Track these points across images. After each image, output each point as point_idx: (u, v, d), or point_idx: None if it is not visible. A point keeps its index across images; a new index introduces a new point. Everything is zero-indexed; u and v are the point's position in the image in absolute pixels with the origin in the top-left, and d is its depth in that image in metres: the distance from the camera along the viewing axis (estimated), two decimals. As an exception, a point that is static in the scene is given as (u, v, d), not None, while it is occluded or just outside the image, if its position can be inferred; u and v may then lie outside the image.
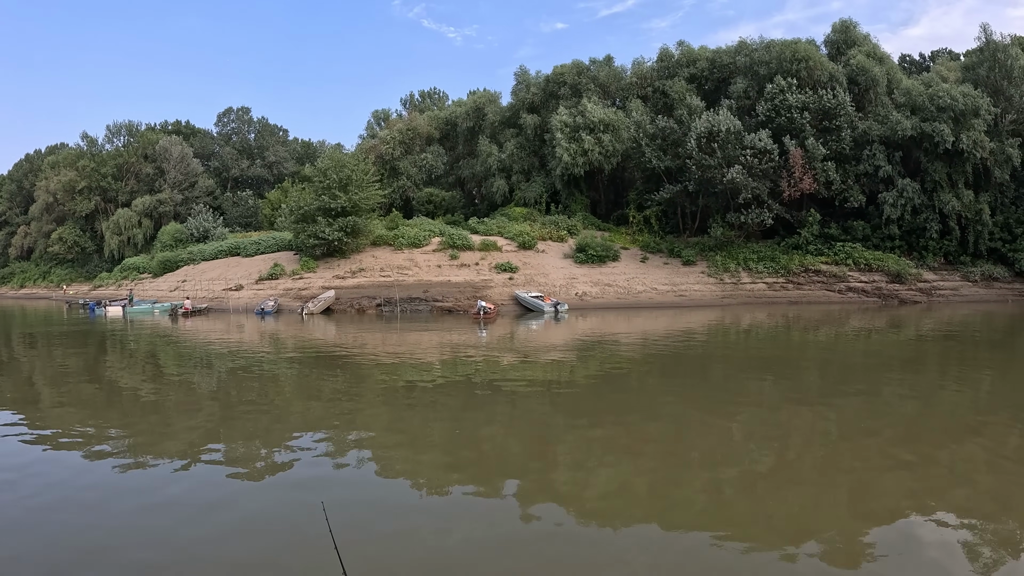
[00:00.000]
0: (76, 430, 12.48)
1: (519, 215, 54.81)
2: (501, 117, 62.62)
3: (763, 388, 15.68)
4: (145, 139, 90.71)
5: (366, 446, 11.12)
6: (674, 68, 57.83)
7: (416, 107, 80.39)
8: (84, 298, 68.03)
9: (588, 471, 9.47)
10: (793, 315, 36.82)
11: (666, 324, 32.62)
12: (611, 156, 53.07)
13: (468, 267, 47.47)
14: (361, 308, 44.71)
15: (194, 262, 61.22)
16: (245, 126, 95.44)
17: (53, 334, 34.44)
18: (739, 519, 7.44)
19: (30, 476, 9.43)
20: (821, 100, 47.37)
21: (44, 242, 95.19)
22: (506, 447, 10.94)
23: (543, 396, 15.23)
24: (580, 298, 44.81)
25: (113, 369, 21.72)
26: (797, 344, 25.46)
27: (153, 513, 8.00)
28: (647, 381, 17.47)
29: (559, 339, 28.24)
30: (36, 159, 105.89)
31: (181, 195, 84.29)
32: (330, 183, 48.37)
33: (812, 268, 47.17)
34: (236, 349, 26.04)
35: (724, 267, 48.27)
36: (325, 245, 49.17)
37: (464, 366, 20.29)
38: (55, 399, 16.10)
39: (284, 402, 15.58)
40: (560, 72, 59.22)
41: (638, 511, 7.85)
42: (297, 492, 8.72)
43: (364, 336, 30.57)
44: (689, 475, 9.15)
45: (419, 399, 15.01)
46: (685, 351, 22.91)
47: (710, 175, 47.01)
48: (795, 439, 10.92)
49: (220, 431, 12.41)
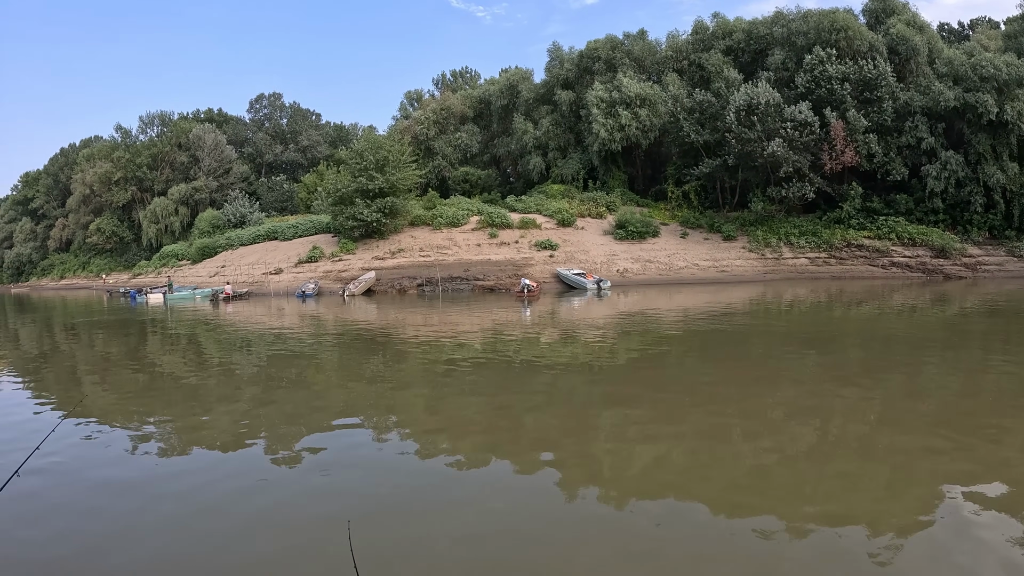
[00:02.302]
0: (118, 414, 12.44)
1: (557, 192, 54.39)
2: (535, 94, 62.06)
3: (805, 364, 15.23)
4: (178, 128, 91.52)
5: (406, 426, 10.95)
6: (709, 40, 56.85)
7: (448, 87, 79.94)
8: (124, 286, 68.95)
9: (628, 449, 9.23)
10: (835, 290, 36.06)
11: (707, 300, 32.11)
12: (648, 131, 52.42)
13: (508, 245, 47.28)
14: (402, 288, 44.74)
15: (232, 247, 61.67)
16: (277, 111, 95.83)
17: (95, 323, 34.62)
18: (778, 498, 7.17)
19: (70, 459, 9.35)
20: (861, 71, 46.20)
21: (82, 233, 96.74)
22: (546, 425, 10.68)
23: (584, 373, 14.91)
24: (621, 275, 44.42)
25: (155, 355, 21.76)
26: (839, 320, 24.79)
27: (188, 496, 7.84)
28: (688, 358, 17.11)
29: (602, 316, 27.84)
30: (71, 152, 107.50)
31: (216, 182, 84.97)
32: (367, 164, 48.33)
33: (855, 243, 46.25)
34: (278, 332, 26.03)
35: (765, 242, 47.56)
36: (364, 226, 49.22)
37: (506, 344, 19.98)
38: (98, 385, 16.12)
39: (325, 383, 15.47)
40: (594, 47, 58.48)
41: (677, 489, 7.60)
42: (333, 474, 8.52)
43: (405, 316, 30.45)
44: (729, 453, 8.84)
45: (460, 378, 14.78)
46: (726, 327, 22.41)
47: (750, 149, 46.18)
48: (836, 417, 10.51)
49: (260, 413, 12.27)
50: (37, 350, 24.43)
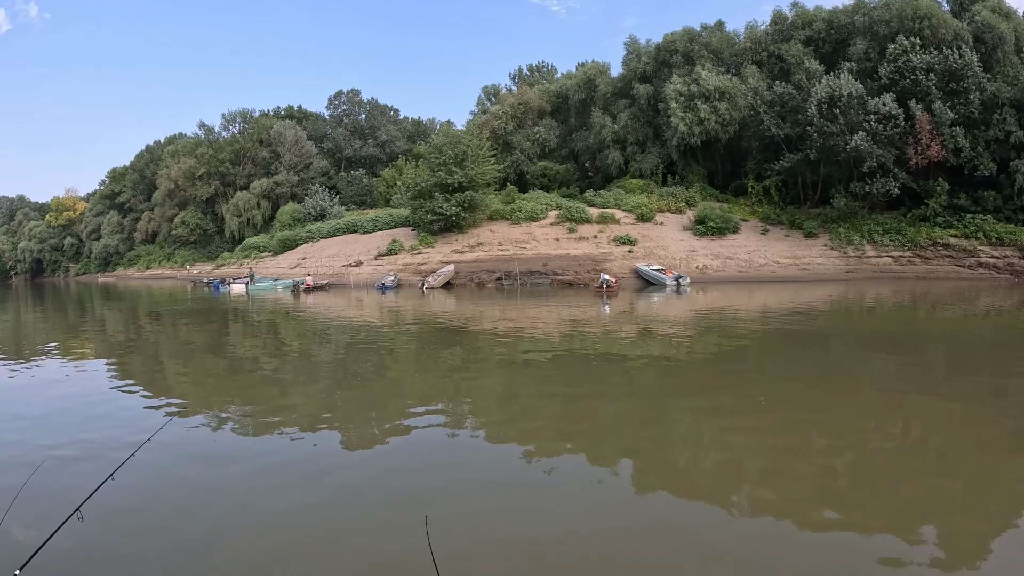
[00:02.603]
0: (199, 398, 13.21)
1: (635, 187, 54.05)
2: (612, 88, 61.69)
3: (886, 368, 14.84)
4: (260, 125, 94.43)
5: (481, 417, 11.15)
6: (789, 31, 55.37)
7: (525, 81, 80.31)
8: (208, 277, 71.70)
9: (702, 450, 9.25)
10: (920, 291, 34.70)
11: (788, 298, 31.53)
12: (728, 125, 51.57)
13: (586, 240, 47.39)
14: (481, 282, 45.39)
15: (312, 240, 63.45)
16: (356, 107, 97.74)
17: (180, 311, 36.20)
18: (853, 506, 7.08)
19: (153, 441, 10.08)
20: (946, 60, 44.18)
21: (167, 226, 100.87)
22: (622, 421, 10.76)
23: (662, 370, 14.94)
24: (701, 271, 44.06)
25: (238, 343, 22.75)
26: (923, 322, 23.93)
27: (262, 478, 8.37)
28: (767, 358, 16.87)
29: (681, 313, 27.66)
30: (156, 149, 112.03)
31: (297, 176, 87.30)
32: (446, 159, 49.09)
33: (940, 241, 44.27)
34: (357, 323, 26.72)
35: (848, 240, 46.24)
36: (443, 220, 50.06)
37: (584, 339, 20.09)
38: (183, 370, 16.98)
39: (400, 374, 15.83)
40: (671, 40, 57.76)
41: (750, 493, 7.57)
42: (405, 463, 8.87)
43: (484, 309, 30.79)
44: (804, 458, 8.73)
45: (537, 371, 14.96)
46: (806, 327, 22.00)
47: (832, 143, 44.94)
48: (917, 424, 10.23)
49: (336, 402, 12.65)
50: (134, 336, 25.95)
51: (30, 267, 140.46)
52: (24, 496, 6.30)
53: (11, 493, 6.38)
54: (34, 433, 10.66)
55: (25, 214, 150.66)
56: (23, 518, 6.80)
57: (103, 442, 9.89)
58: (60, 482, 8.16)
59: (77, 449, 9.66)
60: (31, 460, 8.75)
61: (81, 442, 10.00)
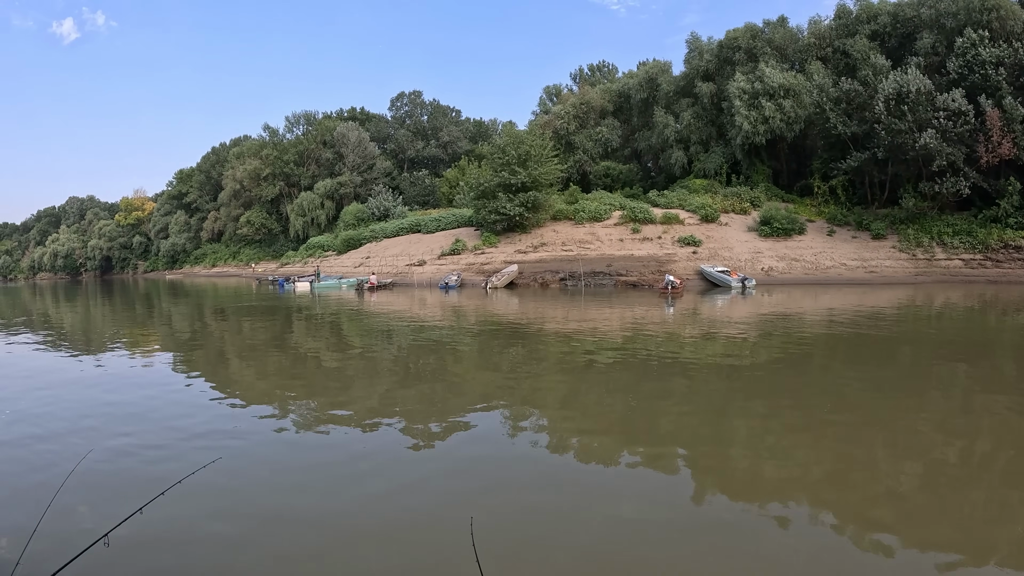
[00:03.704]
0: (262, 393, 13.77)
1: (699, 187, 53.89)
2: (675, 87, 61.49)
3: (955, 376, 14.51)
4: (323, 127, 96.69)
5: (539, 420, 11.28)
6: (853, 25, 54.20)
7: (587, 81, 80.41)
8: (272, 275, 73.70)
9: (763, 456, 9.22)
10: (991, 295, 33.52)
11: (855, 302, 30.94)
12: (793, 123, 50.89)
13: (650, 241, 47.44)
14: (544, 282, 45.87)
15: (376, 239, 64.76)
16: (418, 109, 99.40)
17: (245, 308, 36.95)
18: (916, 518, 7.10)
19: (210, 432, 10.77)
20: (1016, 54, 42.57)
21: (233, 225, 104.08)
22: (682, 424, 10.85)
23: (725, 374, 14.80)
24: (766, 273, 43.75)
25: (302, 340, 23.28)
26: (994, 329, 23.22)
27: (319, 473, 8.91)
28: (831, 363, 16.61)
29: (746, 315, 27.41)
30: (222, 151, 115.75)
31: (360, 177, 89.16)
32: (508, 159, 49.62)
33: (1012, 243, 42.61)
34: (420, 322, 27.01)
35: (917, 241, 45.12)
36: (506, 220, 50.69)
37: (647, 341, 20.00)
38: (248, 365, 17.67)
39: (462, 373, 15.98)
40: (733, 36, 57.22)
41: (810, 500, 7.62)
42: (461, 465, 9.11)
43: (546, 310, 30.77)
44: (866, 466, 8.68)
45: (598, 373, 14.98)
46: (874, 332, 21.59)
47: (900, 140, 43.93)
48: (985, 434, 10.07)
49: (396, 399, 12.94)
50: (199, 332, 27.03)
51: (100, 264, 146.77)
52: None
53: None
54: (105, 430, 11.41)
55: (95, 213, 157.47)
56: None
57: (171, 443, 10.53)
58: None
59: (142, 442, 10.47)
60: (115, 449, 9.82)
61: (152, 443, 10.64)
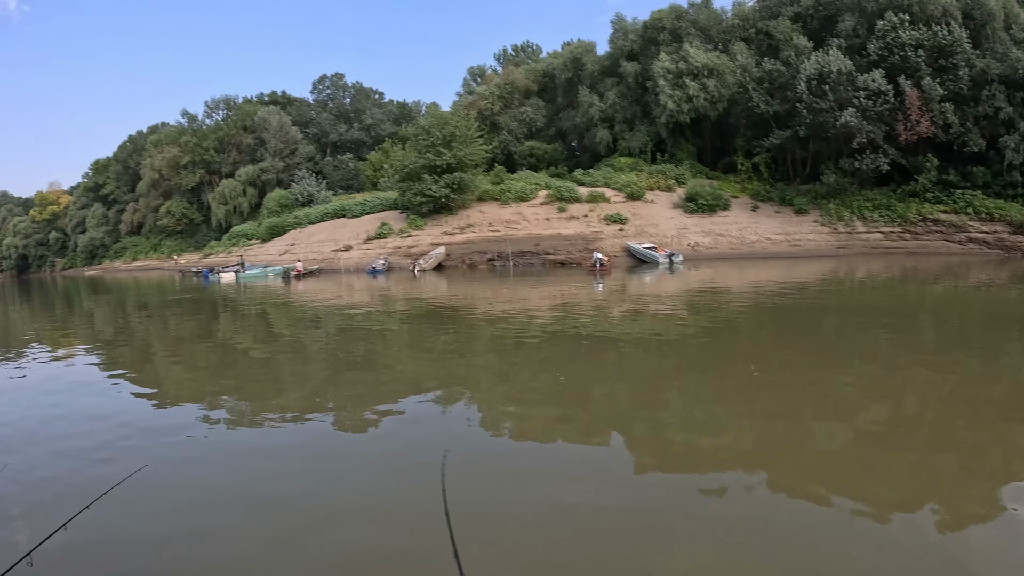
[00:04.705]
0: (189, 390, 12.84)
1: (624, 165, 53.91)
2: (599, 67, 61.35)
3: (878, 343, 14.73)
4: (243, 112, 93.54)
5: (471, 401, 11.00)
6: (777, 7, 54.90)
7: (511, 62, 79.76)
8: (196, 266, 70.97)
9: (696, 426, 9.15)
10: (910, 266, 34.64)
11: (780, 275, 31.37)
12: (716, 102, 51.35)
13: (577, 219, 47.18)
14: (472, 263, 45.14)
15: (301, 226, 62.94)
16: (340, 91, 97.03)
17: (170, 303, 35.35)
18: (849, 480, 7.07)
19: (140, 430, 9.73)
20: (935, 37, 43.96)
21: (153, 216, 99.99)
22: (615, 400, 10.62)
23: (656, 348, 14.79)
24: (693, 248, 43.96)
25: (228, 331, 22.28)
26: (914, 297, 23.90)
27: (255, 463, 8.23)
28: (759, 334, 16.76)
29: (674, 290, 27.48)
30: (139, 139, 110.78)
31: (283, 162, 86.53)
32: (433, 140, 48.77)
33: (930, 217, 44.23)
34: (349, 308, 26.30)
35: (838, 216, 46.19)
36: (432, 202, 49.75)
37: (577, 319, 19.85)
38: (173, 361, 16.58)
39: (393, 358, 15.55)
40: (658, 17, 57.33)
41: (744, 468, 7.52)
42: (395, 447, 8.72)
43: (476, 291, 30.54)
44: (797, 432, 8.70)
45: (528, 353, 14.78)
46: (798, 303, 21.92)
47: (822, 119, 44.77)
48: (909, 397, 10.20)
49: (328, 387, 12.43)
50: (131, 329, 25.49)
51: (16, 263, 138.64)
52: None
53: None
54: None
55: (9, 210, 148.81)
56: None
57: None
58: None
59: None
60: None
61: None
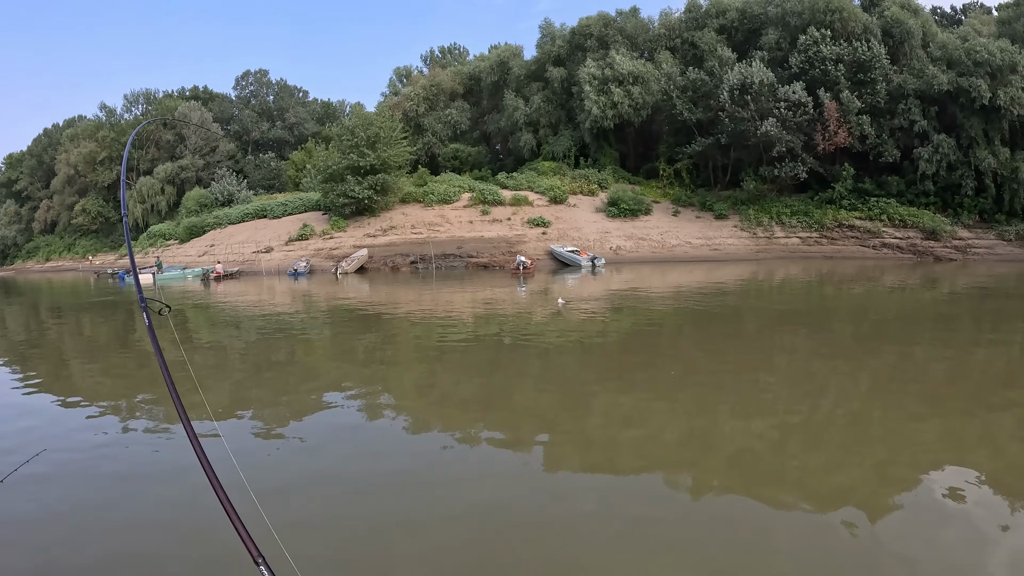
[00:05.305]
0: (104, 396, 12.20)
1: (548, 169, 54.15)
2: (526, 71, 61.55)
3: (796, 343, 15.25)
4: (164, 106, 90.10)
5: (395, 405, 10.87)
6: (703, 19, 56.37)
7: (438, 63, 79.18)
8: (112, 267, 68.10)
9: (619, 426, 9.18)
10: (827, 270, 36.04)
11: (700, 278, 32.09)
12: (641, 109, 52.08)
13: (500, 222, 47.10)
14: (395, 266, 44.51)
15: (221, 226, 60.85)
16: (264, 88, 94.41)
17: (84, 305, 33.75)
18: (769, 476, 7.17)
19: (53, 439, 9.26)
20: (855, 52, 46.05)
21: (67, 215, 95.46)
22: (538, 403, 10.59)
23: (578, 351, 14.84)
24: (615, 252, 44.34)
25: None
26: (830, 299, 24.84)
27: (175, 470, 7.81)
28: (680, 335, 17.09)
29: (596, 293, 27.75)
30: (55, 133, 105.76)
31: (203, 160, 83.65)
32: (357, 141, 47.92)
33: (846, 223, 46.21)
34: (269, 311, 25.68)
35: (757, 221, 47.55)
36: (355, 204, 48.88)
37: (500, 323, 19.83)
38: (87, 367, 15.82)
39: (315, 362, 15.29)
40: (586, 24, 57.97)
41: (668, 468, 7.60)
42: (319, 451, 8.50)
43: (398, 294, 30.23)
44: (720, 430, 8.85)
45: (452, 356, 14.67)
46: (719, 305, 22.45)
47: (743, 128, 46.03)
48: (827, 394, 10.53)
49: (247, 392, 12.13)
50: (41, 333, 24.03)
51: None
52: None
53: None
54: None
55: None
56: None
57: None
58: None
59: None
60: None
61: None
